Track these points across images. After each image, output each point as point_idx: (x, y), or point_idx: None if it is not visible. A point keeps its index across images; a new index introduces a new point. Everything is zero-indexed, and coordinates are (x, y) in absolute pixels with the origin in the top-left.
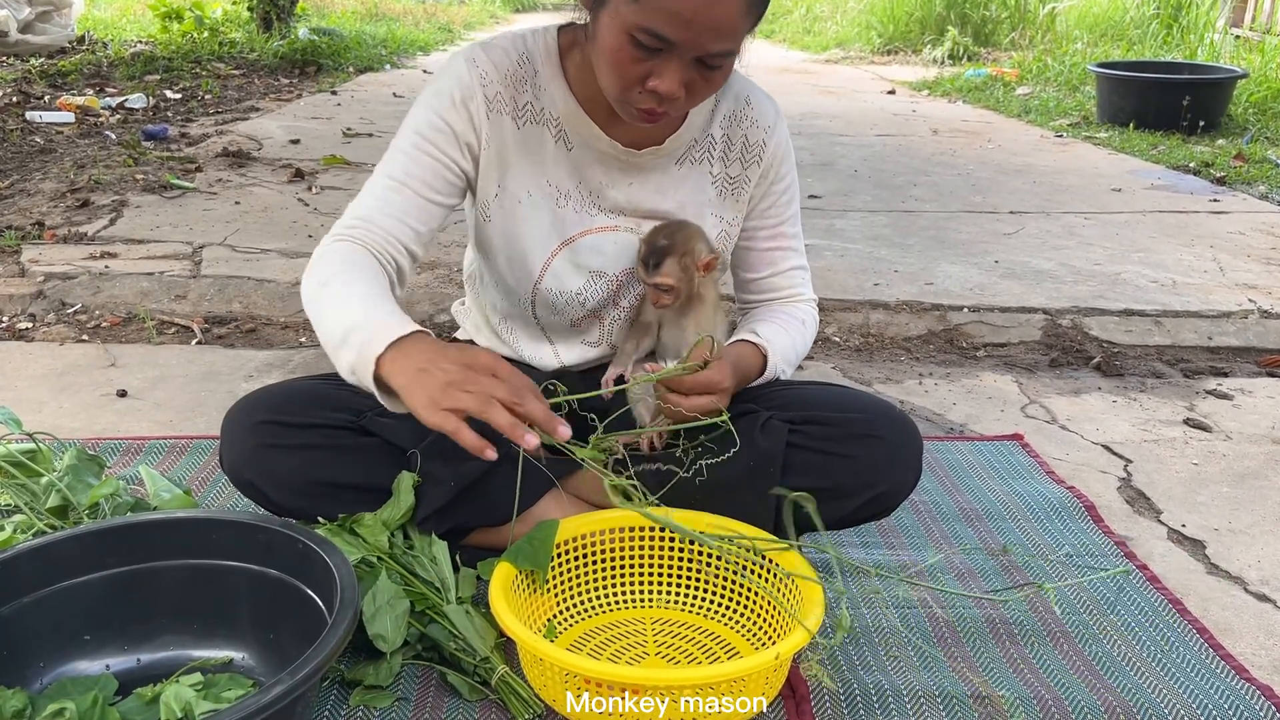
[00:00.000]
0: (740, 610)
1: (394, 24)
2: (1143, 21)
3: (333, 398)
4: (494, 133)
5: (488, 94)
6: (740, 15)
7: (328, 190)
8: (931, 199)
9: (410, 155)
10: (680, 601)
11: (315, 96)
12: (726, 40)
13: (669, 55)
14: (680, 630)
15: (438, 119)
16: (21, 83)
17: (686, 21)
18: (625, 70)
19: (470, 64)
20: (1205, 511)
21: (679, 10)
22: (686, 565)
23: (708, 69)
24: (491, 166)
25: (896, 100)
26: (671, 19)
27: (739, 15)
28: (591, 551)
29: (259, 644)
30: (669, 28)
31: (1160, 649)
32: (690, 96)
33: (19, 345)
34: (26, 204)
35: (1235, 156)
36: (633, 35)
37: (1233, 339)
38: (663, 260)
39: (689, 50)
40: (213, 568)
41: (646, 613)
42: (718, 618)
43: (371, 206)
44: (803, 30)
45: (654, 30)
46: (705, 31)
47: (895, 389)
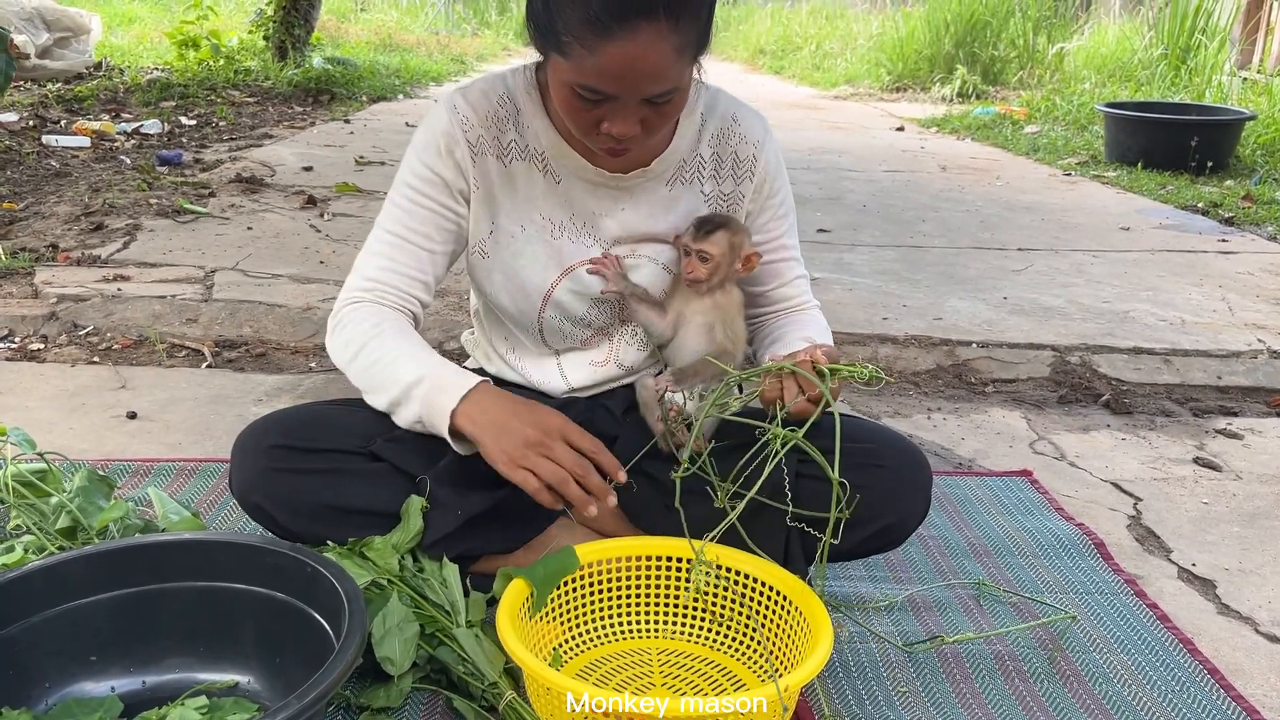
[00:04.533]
0: (747, 642)
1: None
2: (1151, 62)
3: (343, 423)
4: (480, 175)
5: (470, 138)
6: (672, 61)
7: (340, 217)
8: (940, 235)
9: (406, 210)
10: (687, 632)
11: (328, 125)
12: (664, 83)
13: (614, 103)
14: (687, 661)
15: (426, 170)
16: (38, 107)
17: (618, 76)
18: (577, 118)
19: (451, 111)
20: (1216, 551)
21: (609, 67)
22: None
23: (658, 104)
24: (482, 207)
25: (905, 137)
26: (602, 75)
27: (670, 61)
28: (600, 580)
29: (265, 668)
30: (603, 83)
31: (1171, 689)
32: (648, 131)
33: (31, 366)
34: (41, 226)
35: (1243, 197)
36: (574, 89)
37: (1242, 379)
38: (715, 230)
39: (631, 97)
40: (220, 590)
41: (654, 643)
42: (725, 650)
43: (378, 267)
44: (812, 66)
45: (590, 86)
46: (640, 81)
47: (903, 423)
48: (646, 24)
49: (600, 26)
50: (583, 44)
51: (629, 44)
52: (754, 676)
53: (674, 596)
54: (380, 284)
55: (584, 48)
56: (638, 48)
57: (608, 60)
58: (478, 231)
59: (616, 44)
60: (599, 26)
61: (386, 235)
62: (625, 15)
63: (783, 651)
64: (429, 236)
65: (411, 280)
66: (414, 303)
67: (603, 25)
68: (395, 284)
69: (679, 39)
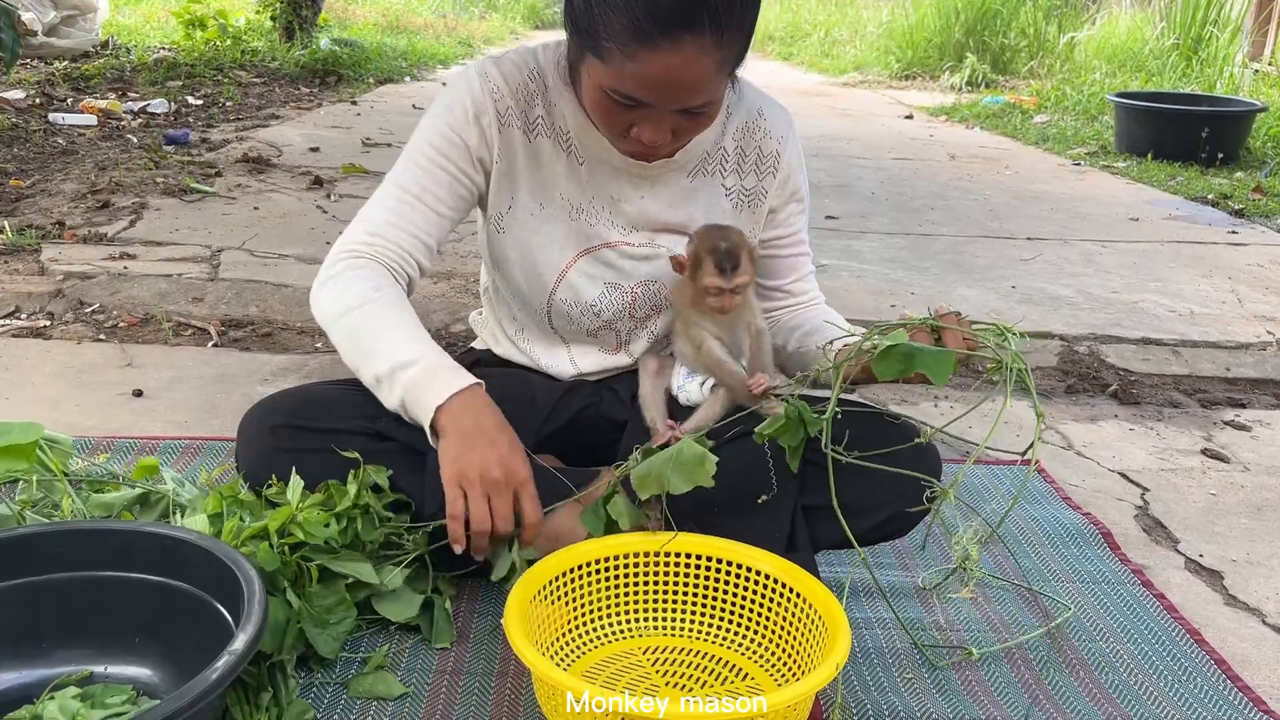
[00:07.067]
0: (757, 637)
1: (415, 37)
2: (1162, 53)
3: (349, 402)
4: (505, 147)
5: (499, 108)
6: (712, 74)
7: (346, 198)
8: (948, 223)
9: (424, 168)
10: (695, 628)
11: (335, 106)
12: (702, 95)
13: (647, 110)
14: (698, 660)
15: (451, 133)
16: (45, 85)
17: (656, 86)
18: (608, 119)
19: (482, 78)
20: (1223, 542)
21: (649, 75)
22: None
23: (692, 115)
24: (504, 180)
25: (914, 125)
26: (642, 83)
27: (711, 75)
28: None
29: (163, 658)
30: (640, 91)
31: (1178, 679)
32: (678, 139)
33: (37, 343)
34: (47, 204)
35: (1254, 189)
36: (608, 93)
37: (1251, 370)
38: (738, 261)
39: (666, 107)
40: (112, 579)
41: (665, 640)
42: (733, 646)
43: (384, 220)
44: (821, 53)
45: (625, 93)
46: (678, 92)
47: (910, 410)
48: (691, 37)
49: (643, 35)
50: (623, 51)
51: (671, 55)
52: (765, 674)
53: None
54: (385, 240)
55: (624, 54)
56: (680, 59)
57: (648, 69)
58: (497, 205)
59: (659, 54)
60: (642, 35)
61: (399, 191)
62: (670, 26)
63: (797, 647)
64: (442, 200)
65: (416, 241)
66: (413, 266)
67: (646, 34)
68: (399, 241)
69: (721, 54)
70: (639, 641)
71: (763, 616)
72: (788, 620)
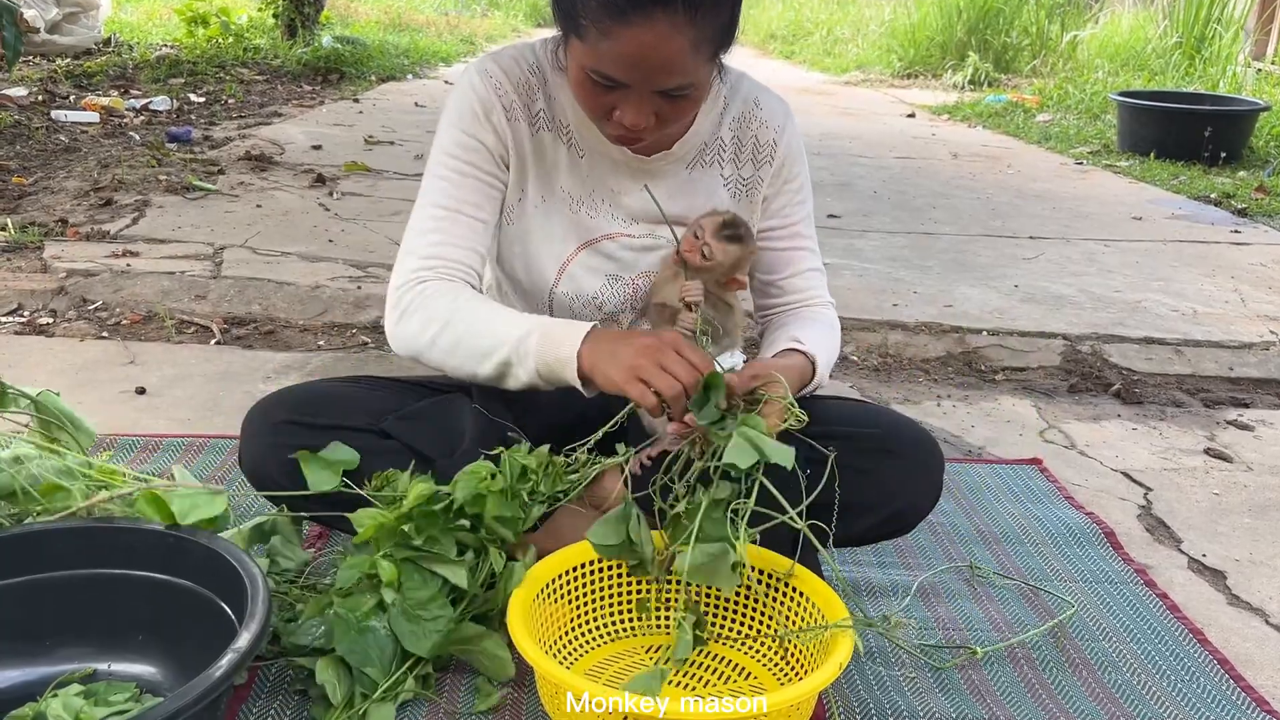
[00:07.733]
0: (760, 636)
1: (417, 35)
2: (1165, 52)
3: (353, 400)
4: (515, 140)
5: (504, 103)
6: (687, 54)
7: (349, 196)
8: (951, 222)
9: (453, 181)
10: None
11: (338, 104)
12: (678, 76)
13: (626, 91)
14: (697, 658)
15: (467, 138)
16: (47, 82)
17: (630, 64)
18: (590, 102)
19: (484, 75)
20: (1226, 542)
21: (623, 53)
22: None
23: (672, 98)
24: (516, 173)
25: (916, 124)
26: (617, 61)
27: (685, 54)
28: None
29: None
30: (614, 70)
31: (1181, 679)
32: (661, 123)
33: (39, 340)
34: (50, 201)
35: (1257, 189)
36: (588, 73)
37: (1254, 370)
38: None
39: (643, 87)
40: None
41: (665, 639)
42: (736, 645)
43: (432, 243)
44: (823, 52)
45: (603, 72)
46: (652, 71)
47: (913, 410)
48: (663, 14)
49: (617, 12)
50: (599, 28)
51: (644, 31)
52: (767, 673)
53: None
54: (440, 259)
55: (600, 32)
56: (653, 36)
57: (621, 46)
58: (510, 197)
59: (632, 30)
60: (615, 12)
61: (436, 210)
62: (643, 3)
63: (800, 647)
64: (479, 206)
65: (469, 252)
66: (473, 275)
67: (619, 11)
68: (455, 257)
69: (696, 33)
70: (642, 640)
71: (766, 615)
72: (791, 619)
